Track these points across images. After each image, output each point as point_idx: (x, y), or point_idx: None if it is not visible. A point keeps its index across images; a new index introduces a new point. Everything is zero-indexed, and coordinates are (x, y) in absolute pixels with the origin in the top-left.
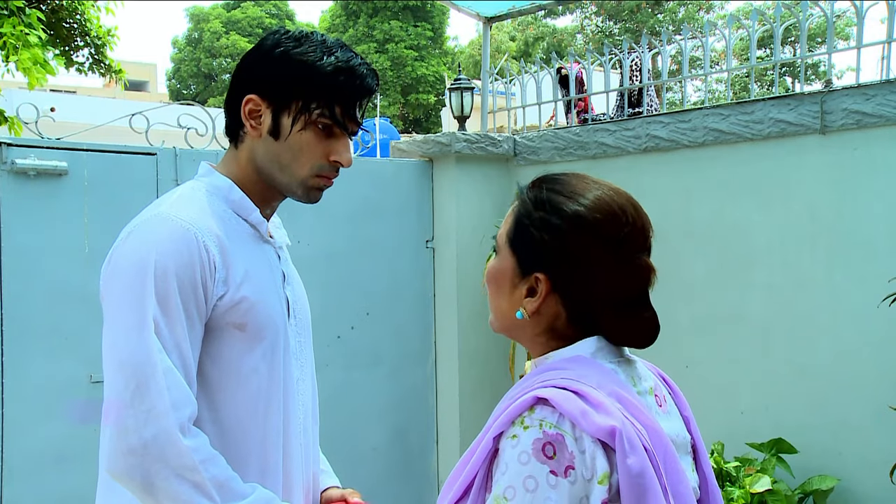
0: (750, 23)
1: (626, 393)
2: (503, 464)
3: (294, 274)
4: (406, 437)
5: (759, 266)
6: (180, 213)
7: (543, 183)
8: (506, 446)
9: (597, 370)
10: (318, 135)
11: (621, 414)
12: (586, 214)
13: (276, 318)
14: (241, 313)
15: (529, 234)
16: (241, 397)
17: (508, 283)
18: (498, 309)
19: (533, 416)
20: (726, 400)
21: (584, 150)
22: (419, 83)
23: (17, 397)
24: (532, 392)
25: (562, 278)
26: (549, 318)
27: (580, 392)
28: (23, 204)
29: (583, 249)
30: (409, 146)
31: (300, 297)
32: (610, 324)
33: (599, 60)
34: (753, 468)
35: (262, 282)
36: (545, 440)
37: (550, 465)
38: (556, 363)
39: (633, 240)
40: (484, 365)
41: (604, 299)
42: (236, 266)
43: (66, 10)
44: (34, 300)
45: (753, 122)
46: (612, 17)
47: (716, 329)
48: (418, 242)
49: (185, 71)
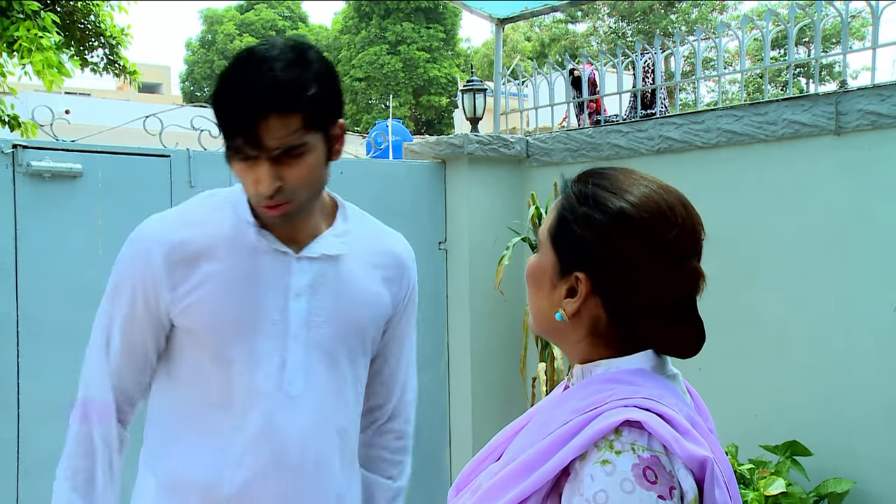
0: (763, 23)
1: (696, 416)
2: (597, 492)
3: (331, 287)
4: (418, 438)
5: (772, 267)
6: (152, 223)
7: (589, 177)
8: (595, 472)
9: (666, 388)
10: (241, 164)
11: (705, 441)
12: (633, 213)
13: (242, 325)
14: (190, 317)
15: (571, 230)
16: (192, 395)
17: (548, 281)
18: (538, 309)
19: (622, 439)
20: (740, 402)
21: (596, 151)
22: (431, 85)
23: (33, 397)
24: (614, 412)
25: (603, 279)
26: (590, 321)
27: (664, 415)
28: (38, 206)
29: (627, 250)
30: (421, 148)
31: (329, 312)
32: (656, 331)
33: (612, 62)
34: (767, 470)
35: (235, 290)
36: (644, 465)
37: (657, 490)
38: (619, 375)
39: (682, 242)
40: (497, 366)
41: (648, 305)
42: (197, 273)
43: (80, 12)
44: (49, 301)
45: (767, 124)
46: (625, 18)
47: (729, 331)
48: (431, 244)
49: (199, 73)
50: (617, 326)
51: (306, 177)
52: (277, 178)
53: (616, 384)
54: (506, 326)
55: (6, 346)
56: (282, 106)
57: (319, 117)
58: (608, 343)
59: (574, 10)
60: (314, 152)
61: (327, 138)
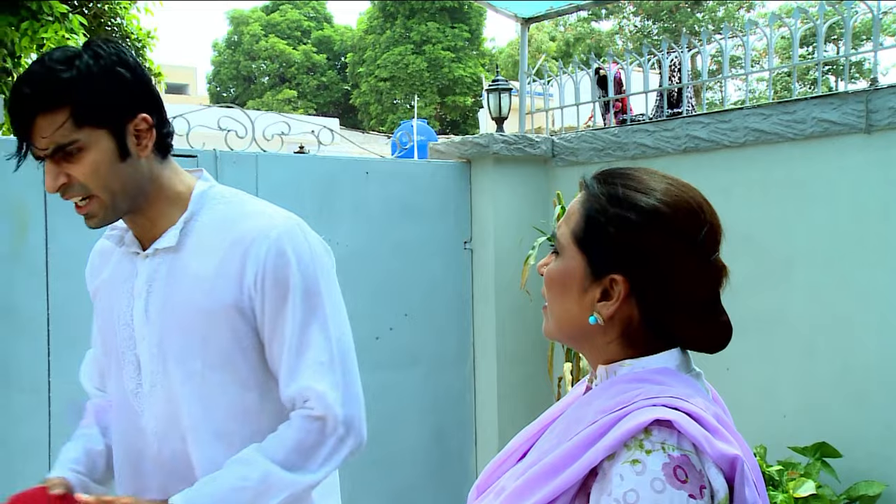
0: (792, 21)
1: (724, 414)
2: (627, 491)
3: (164, 282)
4: (444, 439)
5: (801, 267)
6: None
7: (613, 177)
8: (625, 472)
9: (693, 387)
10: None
11: (735, 440)
12: (667, 211)
13: (108, 331)
14: (96, 322)
15: (604, 232)
16: (111, 394)
17: (577, 286)
18: (565, 314)
19: (652, 438)
20: (768, 402)
21: (622, 150)
22: (456, 84)
23: (63, 396)
24: (643, 411)
25: (641, 280)
26: (623, 322)
27: (693, 414)
28: (67, 206)
29: (662, 248)
30: (446, 148)
31: (160, 307)
32: (686, 329)
33: (638, 61)
34: (797, 472)
35: (105, 297)
36: (674, 464)
37: (687, 489)
38: (645, 374)
39: (712, 238)
40: (522, 366)
41: (682, 302)
42: (95, 280)
43: (107, 15)
44: (79, 301)
45: (795, 122)
46: (651, 16)
47: (757, 330)
48: (456, 244)
49: (225, 74)
50: (648, 326)
51: (92, 174)
52: (62, 176)
53: (643, 383)
54: (531, 326)
55: (37, 346)
56: (42, 104)
57: (92, 113)
58: (636, 343)
59: (598, 9)
60: (95, 149)
61: (117, 134)
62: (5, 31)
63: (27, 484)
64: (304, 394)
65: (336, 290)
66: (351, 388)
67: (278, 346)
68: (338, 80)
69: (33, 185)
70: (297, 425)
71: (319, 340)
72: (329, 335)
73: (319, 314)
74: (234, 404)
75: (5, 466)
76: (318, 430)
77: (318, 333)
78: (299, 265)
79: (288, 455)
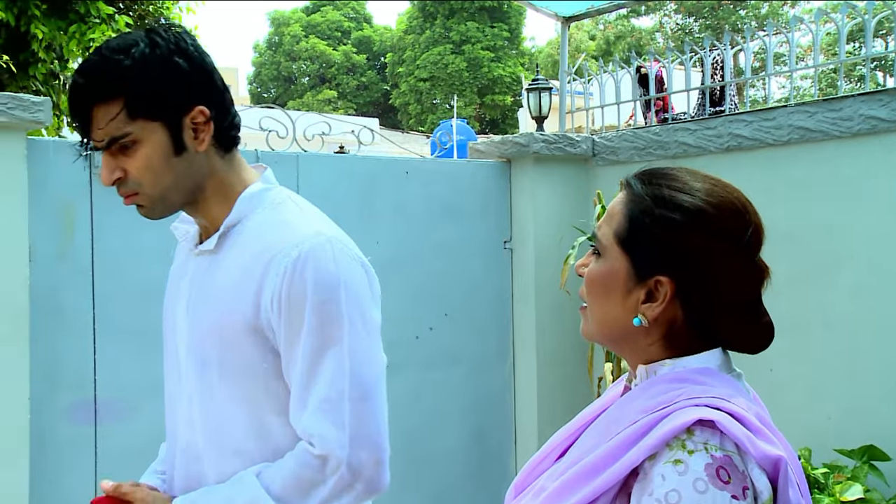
0: (839, 16)
1: (765, 415)
2: (668, 491)
3: (200, 284)
4: (484, 439)
5: (846, 266)
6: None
7: (657, 178)
8: (667, 472)
9: (734, 387)
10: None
11: (778, 440)
12: (712, 212)
13: (165, 325)
14: None
15: (650, 233)
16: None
17: (621, 287)
18: (607, 316)
19: (694, 438)
20: (813, 404)
21: (664, 149)
22: (495, 84)
23: (109, 394)
24: (686, 411)
25: (686, 281)
26: (667, 323)
27: (736, 414)
28: (113, 206)
29: (709, 249)
30: (486, 147)
31: (193, 310)
32: (729, 330)
33: (680, 58)
34: (843, 475)
35: (169, 290)
36: (717, 464)
37: (730, 490)
38: (686, 374)
39: (756, 238)
40: (562, 366)
41: (726, 303)
42: (170, 271)
43: (151, 15)
44: (124, 300)
45: (842, 120)
46: (692, 14)
47: (801, 331)
48: (496, 243)
49: (266, 74)
50: (691, 327)
51: (145, 169)
52: (118, 170)
53: (685, 383)
54: (571, 326)
55: (83, 343)
56: (97, 94)
57: (145, 105)
58: (677, 343)
59: (639, 7)
60: (148, 143)
61: (172, 128)
62: (54, 35)
63: (74, 480)
64: (308, 430)
65: (366, 315)
66: (363, 429)
67: (293, 373)
68: (377, 81)
69: (79, 185)
70: (298, 458)
71: (330, 373)
72: (344, 367)
73: (337, 345)
74: (252, 424)
75: (52, 463)
76: (318, 468)
77: (331, 364)
78: (318, 289)
79: (284, 487)
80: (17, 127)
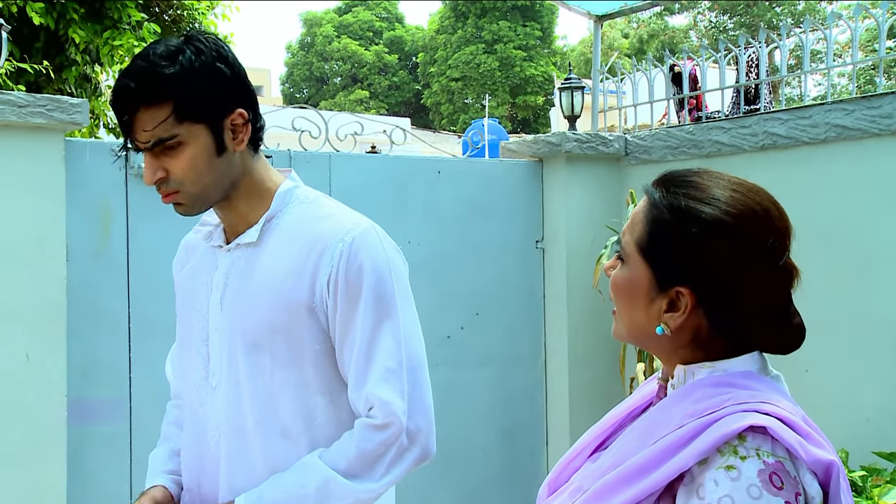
0: (879, 12)
1: (809, 419)
2: (721, 497)
3: (241, 275)
4: (515, 439)
5: (885, 266)
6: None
7: (676, 186)
8: (719, 478)
9: (778, 392)
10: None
11: (827, 444)
12: (731, 222)
13: (184, 322)
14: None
15: (668, 245)
16: (182, 386)
17: (643, 296)
18: (634, 322)
19: (746, 444)
20: (850, 406)
21: (697, 148)
22: (527, 83)
23: (143, 392)
24: (736, 416)
25: (708, 292)
26: (692, 331)
27: (785, 419)
28: (148, 206)
29: (729, 260)
30: (518, 147)
31: (236, 300)
32: (757, 333)
33: (714, 56)
34: (882, 478)
35: (191, 288)
36: (769, 470)
37: (784, 496)
38: (729, 378)
39: (781, 243)
40: (594, 366)
41: (752, 309)
42: (180, 273)
43: (185, 20)
44: (158, 299)
45: (881, 117)
46: (727, 12)
47: (839, 331)
48: (528, 243)
49: (298, 75)
50: (719, 333)
51: (190, 169)
52: (160, 170)
53: (731, 388)
54: (603, 326)
55: (118, 342)
56: (146, 98)
57: (193, 109)
58: (709, 346)
59: (672, 5)
60: (194, 144)
61: (215, 129)
62: (91, 39)
63: (109, 477)
64: (370, 400)
65: (409, 298)
66: (419, 399)
67: (348, 351)
68: (409, 80)
69: (115, 186)
70: (359, 434)
71: (389, 346)
72: (399, 342)
73: (391, 320)
74: (300, 405)
75: (89, 460)
76: (381, 439)
77: (388, 339)
78: (373, 269)
79: (350, 463)
80: (56, 128)
